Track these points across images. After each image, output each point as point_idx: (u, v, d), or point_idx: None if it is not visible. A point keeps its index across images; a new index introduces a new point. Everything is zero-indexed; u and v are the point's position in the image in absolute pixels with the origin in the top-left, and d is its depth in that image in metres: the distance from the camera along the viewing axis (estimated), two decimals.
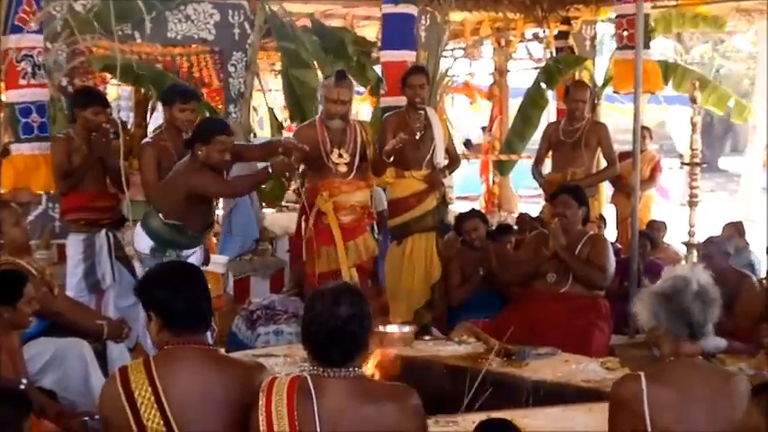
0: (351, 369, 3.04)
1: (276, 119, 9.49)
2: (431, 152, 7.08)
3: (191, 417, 3.11)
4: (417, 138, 7.01)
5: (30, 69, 6.93)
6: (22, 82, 6.94)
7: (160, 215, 5.80)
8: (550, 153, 8.01)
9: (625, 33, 7.48)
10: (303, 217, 6.66)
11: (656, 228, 8.76)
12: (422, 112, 7.07)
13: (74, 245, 6.50)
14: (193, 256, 6.00)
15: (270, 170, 5.89)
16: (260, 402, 3.01)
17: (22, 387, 4.03)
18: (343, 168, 6.53)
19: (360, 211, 6.63)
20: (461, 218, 7.42)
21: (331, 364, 3.03)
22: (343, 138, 6.55)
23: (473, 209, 8.18)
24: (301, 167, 6.82)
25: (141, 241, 5.95)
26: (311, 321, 3.05)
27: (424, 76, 7.13)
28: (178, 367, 3.18)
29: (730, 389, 3.28)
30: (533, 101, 10.25)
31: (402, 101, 7.28)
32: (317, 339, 3.04)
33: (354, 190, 6.59)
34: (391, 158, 6.63)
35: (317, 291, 3.17)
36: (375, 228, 7.00)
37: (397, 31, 8.09)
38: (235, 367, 3.33)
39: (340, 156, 6.52)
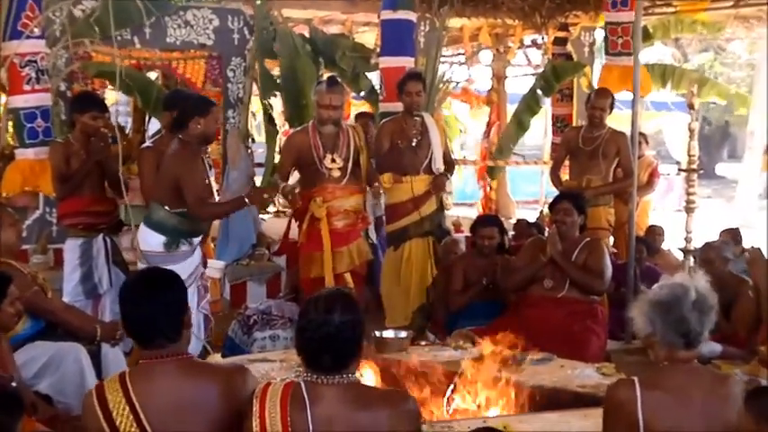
0: (345, 375, 3.03)
1: (273, 124, 9.49)
2: (428, 158, 7.09)
3: (171, 430, 3.05)
4: (414, 144, 7.03)
5: (34, 75, 6.99)
6: (27, 87, 6.99)
7: (165, 207, 5.81)
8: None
9: (620, 41, 7.48)
10: (297, 222, 6.70)
11: (656, 233, 8.76)
12: (418, 118, 7.09)
13: (71, 249, 6.49)
14: (196, 254, 6.04)
15: (246, 200, 5.99)
16: (254, 408, 3.00)
17: (14, 385, 4.03)
18: (336, 173, 6.56)
19: (353, 215, 6.66)
20: (480, 222, 7.34)
21: (324, 371, 3.02)
22: (336, 142, 6.57)
23: (494, 216, 8.12)
24: (295, 173, 6.87)
25: (150, 240, 5.91)
26: (304, 328, 3.05)
27: (421, 83, 7.13)
28: (154, 382, 3.11)
29: (725, 392, 3.27)
30: (528, 106, 10.28)
31: (401, 106, 7.30)
32: (310, 346, 3.03)
33: (348, 195, 6.61)
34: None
35: (311, 297, 3.16)
36: (372, 232, 6.99)
37: (396, 37, 8.10)
38: (212, 374, 3.25)
39: (333, 161, 6.54)
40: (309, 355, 3.05)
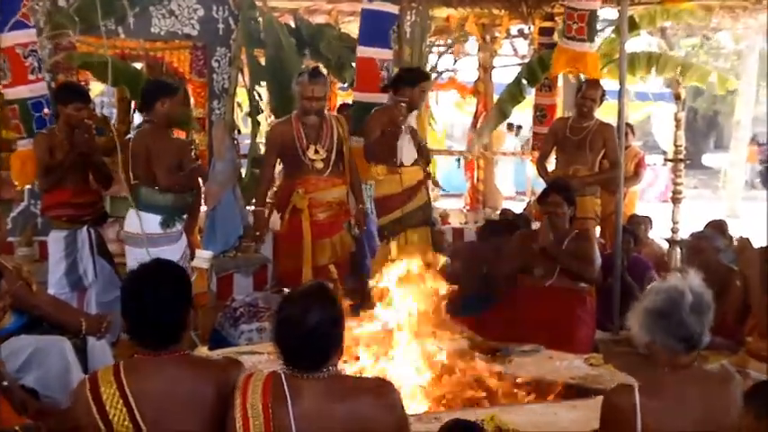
0: (324, 370, 2.99)
1: (259, 113, 9.44)
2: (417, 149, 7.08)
3: (164, 423, 3.03)
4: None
5: (36, 64, 7.00)
6: (32, 77, 7.00)
7: (156, 188, 6.16)
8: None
9: (575, 26, 7.55)
10: (279, 214, 6.71)
11: (637, 222, 8.77)
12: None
13: (55, 241, 6.46)
14: (182, 240, 6.27)
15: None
16: (236, 401, 2.97)
17: (5, 384, 3.99)
18: (319, 165, 6.56)
19: (336, 207, 6.66)
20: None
21: (303, 368, 2.99)
22: (320, 133, 6.57)
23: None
24: (279, 164, 6.87)
25: (147, 222, 6.14)
26: (280, 327, 3.02)
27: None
28: (149, 376, 3.09)
29: (726, 397, 3.25)
30: (512, 95, 10.30)
31: (373, 97, 7.32)
32: (288, 345, 3.01)
33: (330, 187, 6.62)
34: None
35: (287, 295, 3.13)
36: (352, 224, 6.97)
37: (372, 27, 8.04)
38: (207, 369, 3.22)
39: (316, 152, 6.54)
40: (287, 354, 3.02)
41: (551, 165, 8.08)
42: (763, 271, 5.25)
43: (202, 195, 7.29)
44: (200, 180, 6.73)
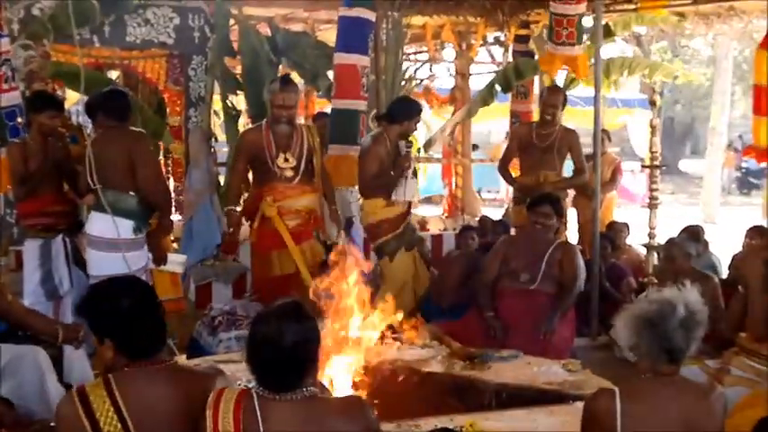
0: (298, 391, 2.94)
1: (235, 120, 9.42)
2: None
3: None
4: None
5: (9, 73, 6.97)
6: (5, 86, 6.96)
7: (131, 193, 5.96)
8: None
9: (565, 32, 7.62)
10: (249, 222, 6.70)
11: (617, 229, 8.81)
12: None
13: (30, 250, 6.42)
14: (144, 250, 6.16)
15: None
16: (207, 421, 2.92)
17: None
18: (288, 173, 6.55)
19: (305, 215, 6.64)
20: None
21: (276, 390, 2.94)
22: (290, 142, 6.57)
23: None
24: (249, 172, 6.86)
25: (121, 227, 5.96)
26: (254, 347, 2.97)
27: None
28: (141, 388, 3.06)
29: (706, 406, 3.26)
30: (482, 98, 10.42)
31: (353, 104, 7.34)
32: (261, 366, 2.96)
33: (299, 195, 6.61)
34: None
35: (261, 313, 3.08)
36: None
37: (350, 34, 8.06)
38: (194, 379, 3.20)
39: (286, 160, 6.53)
40: (260, 374, 2.97)
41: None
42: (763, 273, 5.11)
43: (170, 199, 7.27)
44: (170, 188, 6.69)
